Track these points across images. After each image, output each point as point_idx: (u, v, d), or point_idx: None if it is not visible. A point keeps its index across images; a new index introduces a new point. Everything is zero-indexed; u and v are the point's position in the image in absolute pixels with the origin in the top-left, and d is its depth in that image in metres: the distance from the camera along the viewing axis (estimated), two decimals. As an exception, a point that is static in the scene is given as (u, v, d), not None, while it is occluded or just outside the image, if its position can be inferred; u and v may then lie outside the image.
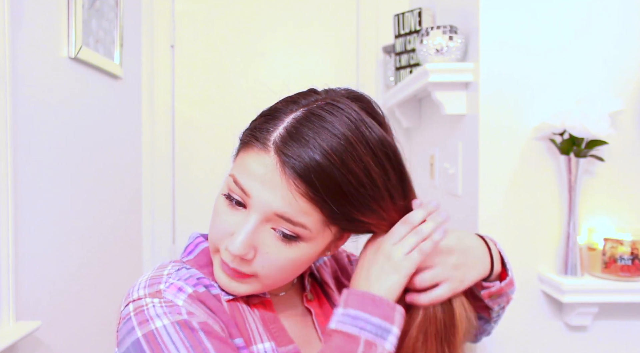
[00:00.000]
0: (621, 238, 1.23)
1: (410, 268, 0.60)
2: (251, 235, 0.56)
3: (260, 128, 0.57)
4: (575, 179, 1.24)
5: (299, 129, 0.55)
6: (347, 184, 0.55)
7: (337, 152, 0.55)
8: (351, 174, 0.55)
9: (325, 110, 0.57)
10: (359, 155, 0.56)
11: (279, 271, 0.59)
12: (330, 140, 0.55)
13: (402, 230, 0.62)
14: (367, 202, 0.57)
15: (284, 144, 0.55)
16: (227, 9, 2.19)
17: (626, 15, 1.30)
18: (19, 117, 1.24)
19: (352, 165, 0.55)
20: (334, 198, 0.55)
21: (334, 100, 0.59)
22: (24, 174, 1.26)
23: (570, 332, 1.33)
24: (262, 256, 0.57)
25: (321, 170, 0.54)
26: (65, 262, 1.46)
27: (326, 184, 0.54)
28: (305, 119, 0.56)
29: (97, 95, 1.68)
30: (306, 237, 0.57)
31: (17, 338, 1.13)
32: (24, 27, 1.26)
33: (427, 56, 1.44)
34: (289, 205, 0.55)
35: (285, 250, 0.57)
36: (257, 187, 0.55)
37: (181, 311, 0.55)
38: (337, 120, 0.56)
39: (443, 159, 1.64)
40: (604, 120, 1.20)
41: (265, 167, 0.55)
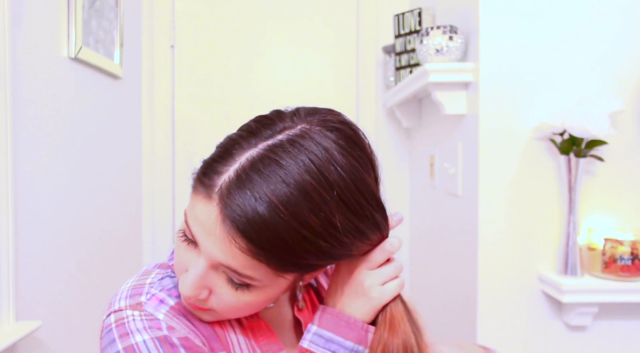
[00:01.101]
0: (621, 239, 1.23)
1: (385, 300, 0.58)
2: (202, 278, 0.53)
3: (211, 169, 0.52)
4: (575, 179, 1.25)
5: (249, 175, 0.49)
6: (300, 240, 0.49)
7: (287, 205, 0.48)
8: (305, 228, 0.49)
9: (285, 150, 0.50)
10: (317, 204, 0.49)
11: (234, 310, 0.56)
12: (282, 190, 0.48)
13: (379, 257, 0.58)
14: (330, 251, 0.52)
15: (229, 194, 0.49)
16: (227, 9, 2.19)
17: (626, 15, 1.30)
18: (19, 117, 1.24)
19: (307, 217, 0.49)
20: (282, 255, 0.50)
21: (300, 136, 0.51)
22: (24, 174, 1.26)
23: (570, 332, 1.33)
24: (216, 296, 0.55)
25: (265, 226, 0.48)
26: (65, 262, 1.46)
27: (271, 242, 0.49)
28: (259, 161, 0.50)
29: (97, 95, 1.68)
30: (257, 286, 0.53)
31: (17, 338, 1.13)
32: (24, 27, 1.26)
33: (427, 56, 1.44)
34: (231, 259, 0.50)
35: (238, 295, 0.54)
36: (202, 236, 0.52)
37: (161, 326, 0.55)
38: (294, 165, 0.49)
39: (443, 159, 1.64)
40: (604, 120, 1.20)
41: (208, 216, 0.50)
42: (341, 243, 0.53)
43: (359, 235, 0.54)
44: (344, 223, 0.52)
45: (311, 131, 0.52)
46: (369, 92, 2.18)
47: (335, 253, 0.53)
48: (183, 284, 0.54)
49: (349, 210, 0.52)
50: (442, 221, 1.67)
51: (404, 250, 2.17)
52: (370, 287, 0.58)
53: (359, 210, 0.53)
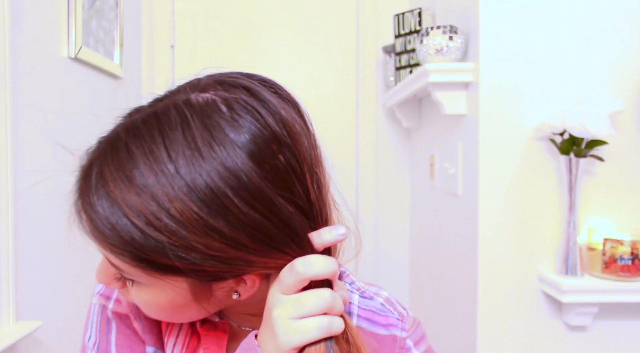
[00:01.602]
0: (621, 239, 1.23)
1: (294, 343, 0.43)
2: (105, 264, 0.50)
3: (87, 154, 0.50)
4: (575, 179, 1.24)
5: (98, 161, 0.46)
6: (155, 242, 0.41)
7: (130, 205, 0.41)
8: (158, 231, 0.41)
9: (138, 129, 0.45)
10: (166, 202, 0.41)
11: (150, 310, 0.49)
12: (123, 185, 0.42)
13: (286, 278, 0.44)
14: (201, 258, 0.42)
15: (81, 181, 0.47)
16: (227, 9, 2.19)
17: (626, 16, 1.30)
18: (19, 117, 1.24)
19: (158, 218, 0.41)
20: (129, 254, 0.43)
21: (174, 105, 0.44)
22: (24, 174, 1.26)
23: (570, 332, 1.33)
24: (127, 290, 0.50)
25: (112, 227, 0.42)
26: (65, 262, 1.46)
27: (103, 230, 0.43)
28: (113, 144, 0.46)
29: (97, 95, 1.68)
30: (143, 283, 0.46)
31: (17, 338, 1.13)
32: (24, 27, 1.26)
33: (427, 56, 1.44)
34: (101, 249, 0.46)
35: (137, 291, 0.48)
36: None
37: (112, 296, 0.58)
38: (141, 150, 0.43)
39: (443, 159, 1.64)
40: (604, 120, 1.20)
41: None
42: (191, 246, 0.41)
43: (224, 239, 0.41)
44: (194, 221, 0.41)
45: (196, 101, 0.44)
46: (369, 92, 2.18)
47: (202, 257, 0.42)
48: (97, 269, 0.52)
49: (204, 206, 0.41)
50: (442, 221, 1.67)
51: (404, 250, 2.17)
52: (276, 318, 0.43)
53: (219, 209, 0.41)
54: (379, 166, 2.17)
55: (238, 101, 0.44)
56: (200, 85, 0.47)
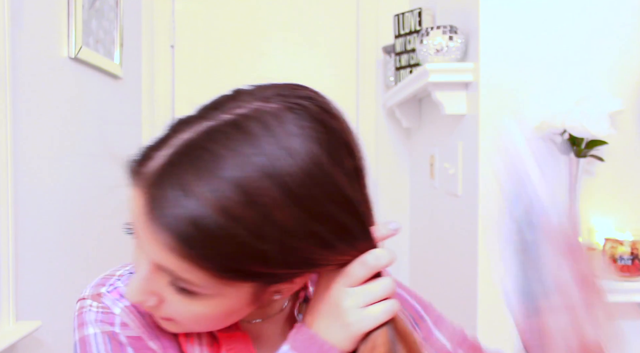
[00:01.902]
0: (621, 238, 1.23)
1: (365, 328, 0.47)
2: (147, 282, 0.46)
3: (143, 153, 0.47)
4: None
5: (178, 163, 0.43)
6: (231, 240, 0.41)
7: (217, 199, 0.41)
8: (239, 226, 0.41)
9: (222, 133, 0.43)
10: (254, 199, 0.41)
11: (194, 322, 0.48)
12: (212, 182, 0.41)
13: (358, 272, 0.48)
14: (273, 256, 0.43)
15: (154, 184, 0.43)
16: (227, 9, 2.19)
17: (626, 16, 1.30)
18: (19, 117, 1.24)
19: (241, 213, 0.41)
20: (214, 256, 0.42)
21: (248, 117, 0.44)
22: (24, 174, 1.26)
23: (570, 332, 1.32)
24: (167, 303, 0.47)
25: (190, 221, 0.41)
26: (65, 262, 1.46)
27: (198, 239, 0.41)
28: (192, 147, 0.43)
29: (97, 95, 1.68)
30: (203, 293, 0.45)
31: (17, 338, 1.13)
32: (24, 27, 1.26)
33: (427, 56, 1.44)
34: (163, 258, 0.43)
35: (188, 303, 0.46)
36: (137, 230, 0.45)
37: (114, 321, 0.51)
38: (231, 152, 0.42)
39: (443, 159, 1.64)
40: (604, 120, 1.20)
41: (137, 207, 0.44)
42: (285, 247, 0.43)
43: (313, 238, 0.44)
44: (291, 223, 0.42)
45: (264, 111, 0.44)
46: (369, 92, 2.18)
47: (287, 260, 0.44)
48: (128, 289, 0.47)
49: (298, 205, 0.42)
50: (442, 221, 1.67)
51: (404, 250, 2.17)
52: (347, 309, 0.47)
53: (314, 209, 0.43)
54: (379, 166, 2.17)
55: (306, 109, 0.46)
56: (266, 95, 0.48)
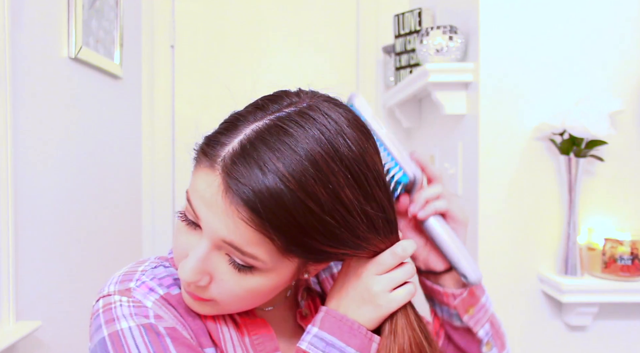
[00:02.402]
0: (621, 238, 1.23)
1: (393, 308, 0.55)
2: (203, 261, 0.50)
3: (214, 141, 0.50)
4: (575, 179, 1.25)
5: (254, 145, 0.47)
6: (306, 213, 0.47)
7: (295, 174, 0.46)
8: (312, 201, 0.47)
9: (293, 120, 0.49)
10: (326, 176, 0.47)
11: (237, 299, 0.53)
12: (290, 159, 0.46)
13: (389, 261, 0.55)
14: (336, 232, 0.49)
15: (233, 163, 0.47)
16: (227, 9, 2.19)
17: (626, 16, 1.30)
18: (19, 117, 1.24)
19: (315, 189, 0.47)
20: (288, 229, 0.47)
21: (308, 108, 0.50)
22: (24, 174, 1.26)
23: (570, 332, 1.33)
24: (217, 283, 0.52)
25: (270, 196, 0.46)
26: (65, 261, 1.46)
27: (276, 213, 0.46)
28: (266, 131, 0.48)
29: (97, 95, 1.68)
30: (261, 268, 0.50)
31: (17, 338, 1.14)
32: (24, 27, 1.26)
33: (427, 56, 1.44)
34: (234, 233, 0.48)
35: (241, 279, 0.51)
36: (204, 209, 0.49)
37: (149, 314, 0.53)
38: (303, 134, 0.48)
39: (443, 159, 1.64)
40: (604, 120, 1.20)
41: (210, 188, 0.48)
42: (348, 225, 0.49)
43: (366, 219, 0.51)
44: (352, 200, 0.49)
45: (319, 104, 0.51)
46: (369, 92, 2.18)
47: (341, 237, 0.50)
48: (183, 269, 0.51)
49: (357, 186, 0.49)
50: (442, 221, 1.67)
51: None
52: (378, 293, 0.54)
53: (367, 188, 0.50)
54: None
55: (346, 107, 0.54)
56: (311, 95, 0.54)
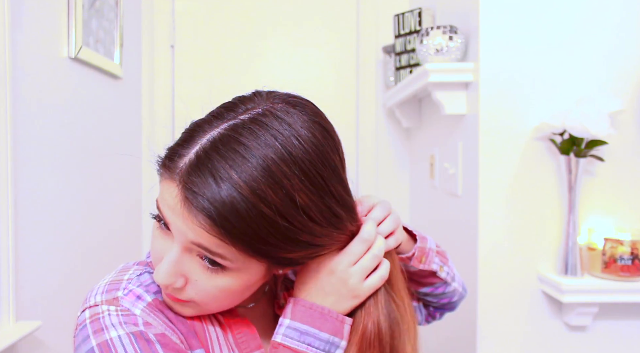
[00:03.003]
0: (621, 238, 1.23)
1: (368, 294, 0.59)
2: (176, 265, 0.52)
3: (173, 153, 0.52)
4: (575, 179, 1.24)
5: (209, 155, 0.49)
6: (261, 219, 0.48)
7: (247, 181, 0.48)
8: (266, 206, 0.48)
9: (246, 128, 0.50)
10: (279, 181, 0.49)
11: (214, 299, 0.54)
12: (242, 167, 0.48)
13: (358, 248, 0.58)
14: (295, 237, 0.51)
15: (188, 175, 0.49)
16: (227, 9, 2.19)
17: (626, 15, 1.30)
18: (19, 117, 1.24)
19: (268, 194, 0.48)
20: (245, 237, 0.49)
21: (262, 115, 0.51)
22: (24, 174, 1.26)
23: (570, 332, 1.33)
24: (192, 284, 0.54)
25: (224, 205, 0.47)
26: (65, 262, 1.46)
27: (232, 222, 0.48)
28: (219, 141, 0.49)
29: (97, 95, 1.68)
30: (231, 268, 0.52)
31: (17, 338, 1.13)
32: (24, 27, 1.26)
33: (427, 56, 1.44)
34: (198, 236, 0.50)
35: (213, 279, 0.53)
36: (171, 217, 0.51)
37: (137, 321, 0.54)
38: (255, 142, 0.49)
39: (443, 159, 1.64)
40: (604, 120, 1.20)
41: (173, 197, 0.50)
42: (306, 227, 0.51)
43: (325, 217, 0.53)
44: (307, 203, 0.50)
45: (274, 108, 0.52)
46: (369, 92, 2.18)
47: (300, 240, 0.51)
48: (158, 272, 0.53)
49: (313, 188, 0.51)
50: (442, 221, 1.67)
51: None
52: (355, 286, 0.58)
53: (324, 186, 0.52)
54: (379, 166, 2.17)
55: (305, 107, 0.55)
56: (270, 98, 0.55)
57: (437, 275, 0.73)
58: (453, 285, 0.77)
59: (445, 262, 0.74)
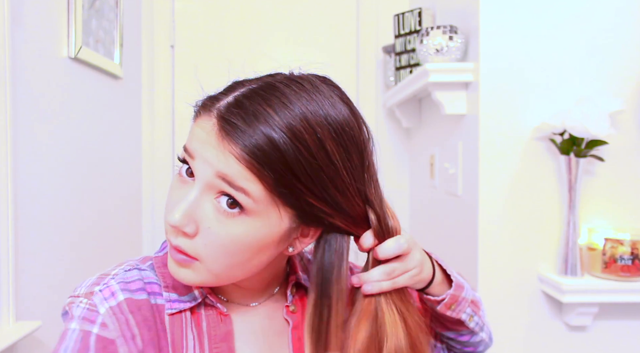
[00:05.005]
0: (621, 238, 1.23)
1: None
2: (192, 206, 0.52)
3: (213, 97, 0.55)
4: (575, 179, 1.24)
5: (248, 96, 0.52)
6: (295, 154, 0.50)
7: (284, 118, 0.50)
8: (300, 143, 0.50)
9: (283, 83, 0.54)
10: (312, 125, 0.51)
11: (222, 251, 0.53)
12: (280, 107, 0.51)
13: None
14: (321, 177, 0.52)
15: (227, 109, 0.51)
16: (227, 9, 2.19)
17: (626, 16, 1.30)
18: (19, 117, 1.24)
19: (303, 133, 0.51)
20: (276, 167, 0.50)
21: (300, 77, 0.57)
22: (24, 174, 1.26)
23: (570, 332, 1.33)
24: (203, 232, 0.52)
25: (259, 135, 0.49)
26: (65, 262, 1.46)
27: (265, 151, 0.49)
28: (260, 89, 0.53)
29: (97, 95, 1.68)
30: (249, 209, 0.51)
31: (17, 338, 1.13)
32: (24, 27, 1.26)
33: (427, 56, 1.44)
34: (226, 166, 0.50)
35: (227, 224, 0.52)
36: (199, 147, 0.52)
37: (96, 320, 0.54)
38: (292, 92, 0.53)
39: (443, 159, 1.64)
40: (604, 120, 1.20)
41: (205, 130, 0.52)
42: (331, 171, 0.53)
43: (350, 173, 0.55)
44: (334, 152, 0.53)
45: (310, 77, 0.58)
46: (369, 92, 2.18)
47: (325, 184, 0.53)
48: (171, 213, 0.52)
49: (341, 145, 0.54)
50: (442, 221, 1.67)
51: (404, 250, 2.17)
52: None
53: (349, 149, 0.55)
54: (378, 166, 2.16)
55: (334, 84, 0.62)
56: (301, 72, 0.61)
57: (464, 324, 0.70)
58: (480, 335, 0.74)
59: (476, 311, 0.72)
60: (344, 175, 0.54)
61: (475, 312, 0.71)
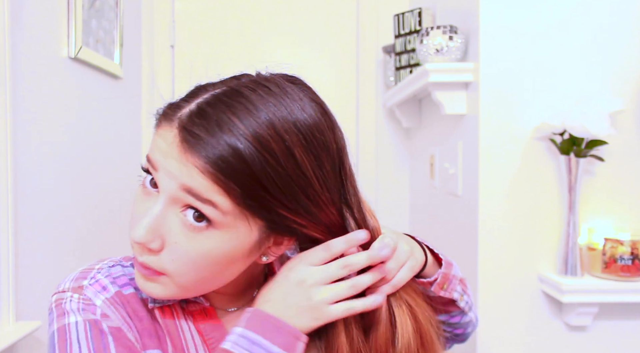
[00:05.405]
0: (621, 238, 1.23)
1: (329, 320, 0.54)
2: (157, 220, 0.50)
3: (174, 105, 0.52)
4: (575, 179, 1.25)
5: (211, 104, 0.49)
6: (262, 162, 0.47)
7: (249, 126, 0.48)
8: (267, 152, 0.48)
9: (249, 87, 0.51)
10: (279, 132, 0.48)
11: (191, 267, 0.51)
12: (244, 114, 0.48)
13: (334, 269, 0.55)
14: (291, 186, 0.49)
15: (188, 119, 0.49)
16: (227, 9, 2.19)
17: (626, 16, 1.30)
18: (19, 117, 1.24)
19: (270, 142, 0.48)
20: (242, 178, 0.47)
21: (265, 80, 0.54)
22: (24, 174, 1.26)
23: (570, 332, 1.33)
24: (170, 247, 0.50)
25: (223, 146, 0.47)
26: (65, 262, 1.46)
27: (230, 162, 0.47)
28: (224, 94, 0.50)
29: (97, 95, 1.68)
30: (217, 222, 0.49)
31: (17, 338, 1.14)
32: (24, 27, 1.26)
33: (427, 56, 1.44)
34: (191, 179, 0.48)
35: (195, 239, 0.50)
36: (162, 160, 0.49)
37: (96, 311, 0.54)
38: (258, 97, 0.50)
39: (443, 159, 1.64)
40: (604, 120, 1.20)
41: (167, 141, 0.49)
42: (300, 180, 0.50)
43: (316, 181, 0.51)
44: (303, 159, 0.50)
45: (277, 78, 0.55)
46: (369, 92, 2.18)
47: (295, 195, 0.50)
48: (136, 229, 0.50)
49: (309, 148, 0.51)
50: (442, 221, 1.67)
51: (404, 250, 2.17)
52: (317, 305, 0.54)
53: (317, 152, 0.51)
54: (379, 166, 2.17)
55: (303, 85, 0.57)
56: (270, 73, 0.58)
57: (456, 303, 0.69)
58: (469, 315, 0.73)
59: (465, 290, 0.71)
60: (316, 184, 0.51)
61: (464, 290, 0.71)
